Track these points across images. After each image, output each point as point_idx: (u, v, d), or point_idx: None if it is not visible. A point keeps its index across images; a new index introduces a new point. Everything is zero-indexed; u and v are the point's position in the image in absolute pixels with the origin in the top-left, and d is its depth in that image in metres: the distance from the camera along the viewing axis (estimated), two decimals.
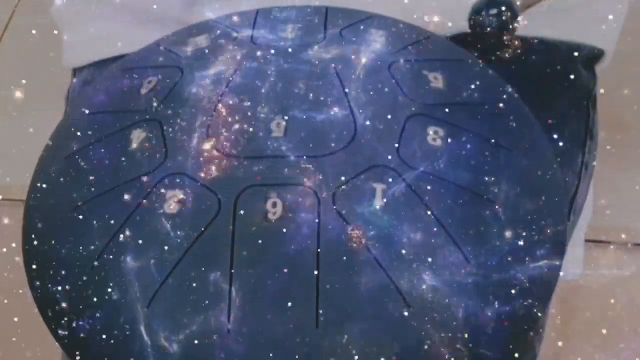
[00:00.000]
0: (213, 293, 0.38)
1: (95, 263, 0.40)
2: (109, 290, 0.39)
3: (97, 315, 0.39)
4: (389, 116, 0.43)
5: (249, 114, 0.43)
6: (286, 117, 0.42)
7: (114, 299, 0.39)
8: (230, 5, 0.51)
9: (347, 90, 0.44)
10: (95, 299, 0.40)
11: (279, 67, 0.45)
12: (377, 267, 0.38)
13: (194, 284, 0.38)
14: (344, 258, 0.38)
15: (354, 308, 0.38)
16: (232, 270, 0.38)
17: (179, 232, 0.39)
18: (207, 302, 0.38)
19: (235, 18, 0.50)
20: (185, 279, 0.39)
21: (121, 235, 0.40)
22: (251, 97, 0.44)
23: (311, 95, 0.43)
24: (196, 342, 0.37)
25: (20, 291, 0.43)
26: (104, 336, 0.39)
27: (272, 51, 0.46)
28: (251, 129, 0.42)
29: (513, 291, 0.39)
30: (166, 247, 0.39)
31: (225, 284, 0.38)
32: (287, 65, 0.45)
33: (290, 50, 0.46)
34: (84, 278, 0.40)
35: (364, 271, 0.38)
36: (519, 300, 0.39)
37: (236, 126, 0.43)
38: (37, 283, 0.41)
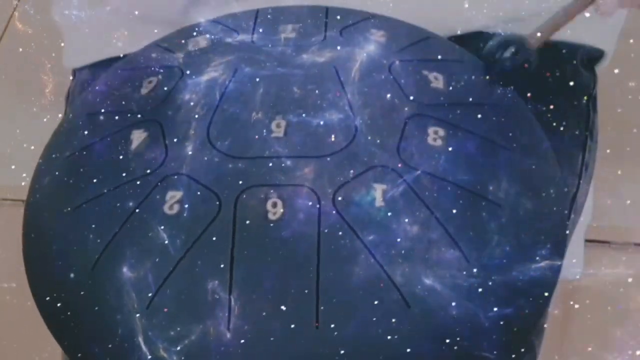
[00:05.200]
0: (212, 300, 0.38)
1: (96, 263, 0.40)
2: (109, 291, 0.39)
3: (96, 318, 0.39)
4: (389, 116, 0.43)
5: (249, 114, 0.43)
6: (286, 118, 0.42)
7: (113, 300, 0.39)
8: (227, 10, 0.51)
9: (347, 90, 0.44)
10: (95, 300, 0.40)
11: (279, 67, 0.45)
12: (378, 267, 0.38)
13: (194, 289, 0.38)
14: (345, 258, 0.38)
15: (354, 308, 0.38)
16: (232, 275, 0.38)
17: (179, 233, 0.39)
18: (206, 310, 0.38)
19: (235, 18, 0.50)
20: (185, 283, 0.39)
21: (120, 237, 0.40)
22: (251, 98, 0.44)
23: (311, 95, 0.43)
24: (195, 349, 0.37)
25: (21, 291, 0.43)
26: (103, 337, 0.39)
27: (272, 51, 0.46)
28: (251, 129, 0.42)
29: (513, 291, 0.39)
30: (166, 249, 0.39)
31: (225, 290, 0.38)
32: (287, 65, 0.45)
33: (290, 50, 0.46)
34: (84, 279, 0.40)
35: (365, 272, 0.38)
36: (519, 300, 0.39)
37: (236, 126, 0.43)
38: (37, 283, 0.42)
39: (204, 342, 0.38)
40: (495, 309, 0.38)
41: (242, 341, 0.37)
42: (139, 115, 0.45)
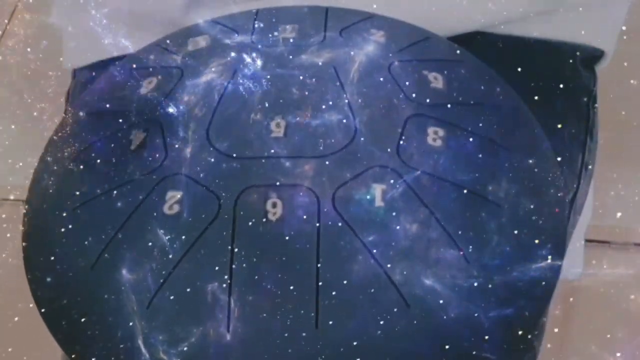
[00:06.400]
0: (212, 301, 0.38)
1: (95, 264, 0.40)
2: (108, 291, 0.39)
3: (96, 318, 0.39)
4: (389, 116, 0.43)
5: (249, 114, 0.43)
6: (286, 118, 0.42)
7: (113, 301, 0.39)
8: (226, 10, 0.51)
9: (346, 90, 0.44)
10: (94, 301, 0.40)
11: (279, 67, 0.45)
12: (377, 267, 0.38)
13: (193, 290, 0.38)
14: (344, 259, 0.38)
15: (354, 309, 0.38)
16: (232, 275, 0.38)
17: (178, 233, 0.39)
18: (206, 311, 0.38)
19: (235, 18, 0.50)
20: (184, 284, 0.39)
21: (120, 237, 0.40)
22: (251, 98, 0.43)
23: (311, 95, 0.43)
24: (195, 351, 0.37)
25: (21, 291, 0.43)
26: (102, 337, 0.39)
27: (272, 52, 0.46)
28: (251, 130, 0.42)
29: (513, 292, 0.39)
30: (166, 249, 0.39)
31: (225, 291, 0.38)
32: (287, 66, 0.45)
33: (289, 51, 0.46)
34: (83, 279, 0.40)
35: (364, 272, 0.38)
36: (518, 300, 0.39)
37: (236, 126, 0.43)
38: (37, 283, 0.42)
39: (204, 343, 0.38)
40: (495, 309, 0.38)
41: (242, 342, 0.37)
42: (139, 116, 0.45)
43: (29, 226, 0.43)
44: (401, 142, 0.42)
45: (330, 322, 0.37)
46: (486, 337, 0.38)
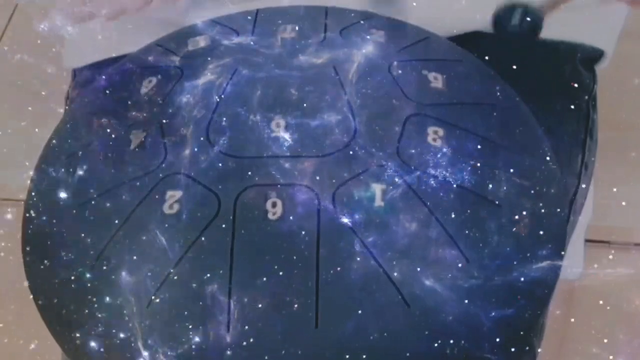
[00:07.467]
0: (212, 301, 0.38)
1: (95, 263, 0.40)
2: (108, 291, 0.39)
3: (95, 318, 0.39)
4: (389, 116, 0.43)
5: (249, 114, 0.43)
6: (286, 118, 0.42)
7: (113, 300, 0.39)
8: (226, 11, 0.51)
9: (346, 90, 0.44)
10: (94, 300, 0.40)
11: (278, 67, 0.45)
12: (377, 267, 0.38)
13: (193, 290, 0.38)
14: (344, 258, 0.38)
15: (354, 309, 0.38)
16: (231, 275, 0.38)
17: (178, 232, 0.39)
18: (205, 311, 0.38)
19: (235, 19, 0.50)
20: (184, 283, 0.39)
21: (120, 237, 0.40)
22: (250, 98, 0.43)
23: (311, 95, 0.43)
24: (194, 350, 0.37)
25: (21, 291, 0.43)
26: (102, 337, 0.39)
27: (272, 52, 0.46)
28: (251, 129, 0.42)
29: (513, 291, 0.39)
30: (166, 249, 0.39)
31: (224, 291, 0.38)
32: (287, 66, 0.45)
33: (289, 51, 0.46)
34: (83, 279, 0.40)
35: (364, 272, 0.38)
36: (518, 300, 0.39)
37: (236, 126, 0.43)
38: (37, 283, 0.42)
39: (204, 343, 0.38)
40: (495, 309, 0.38)
41: (242, 342, 0.37)
42: (138, 115, 0.45)
43: (28, 226, 0.43)
44: (401, 142, 0.42)
45: (330, 322, 0.37)
46: (486, 337, 0.38)
